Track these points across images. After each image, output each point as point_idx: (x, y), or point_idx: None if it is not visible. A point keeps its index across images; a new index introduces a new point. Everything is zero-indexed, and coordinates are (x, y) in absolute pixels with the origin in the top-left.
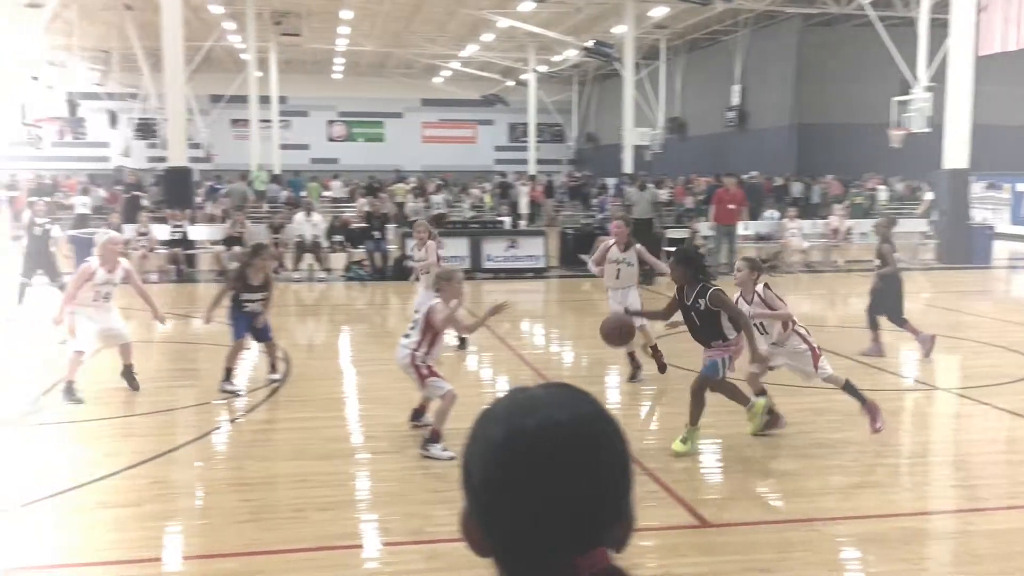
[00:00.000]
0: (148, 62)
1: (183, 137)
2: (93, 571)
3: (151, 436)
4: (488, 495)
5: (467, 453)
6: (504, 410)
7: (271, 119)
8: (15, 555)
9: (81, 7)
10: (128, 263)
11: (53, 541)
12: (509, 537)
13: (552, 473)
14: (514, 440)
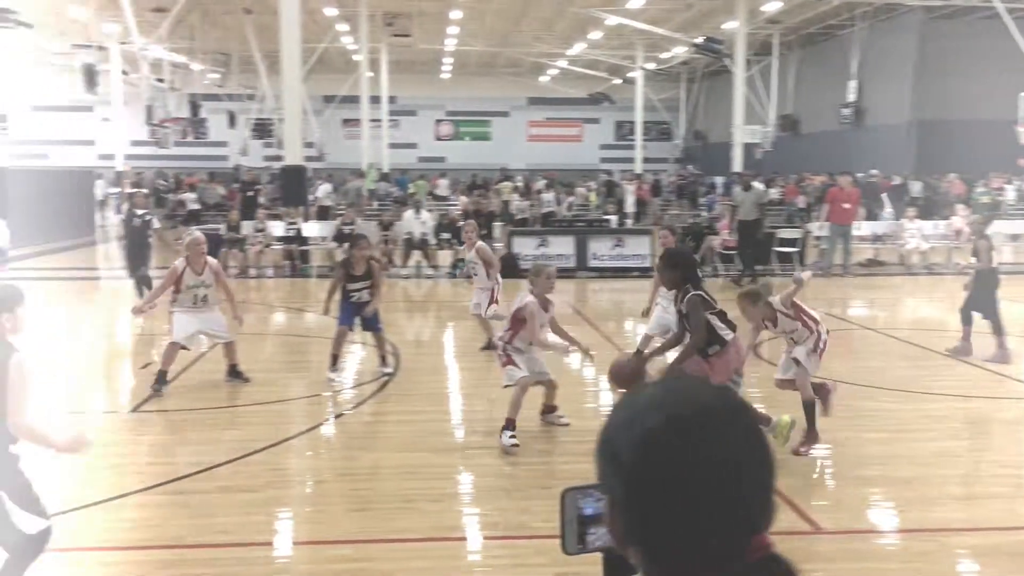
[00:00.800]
0: (265, 64)
1: (299, 136)
2: (214, 552)
3: (266, 425)
4: (646, 482)
5: (614, 442)
6: (656, 398)
7: (381, 118)
8: (138, 536)
9: (203, 11)
10: (215, 263)
11: (176, 523)
12: (671, 526)
13: (717, 457)
14: (675, 425)
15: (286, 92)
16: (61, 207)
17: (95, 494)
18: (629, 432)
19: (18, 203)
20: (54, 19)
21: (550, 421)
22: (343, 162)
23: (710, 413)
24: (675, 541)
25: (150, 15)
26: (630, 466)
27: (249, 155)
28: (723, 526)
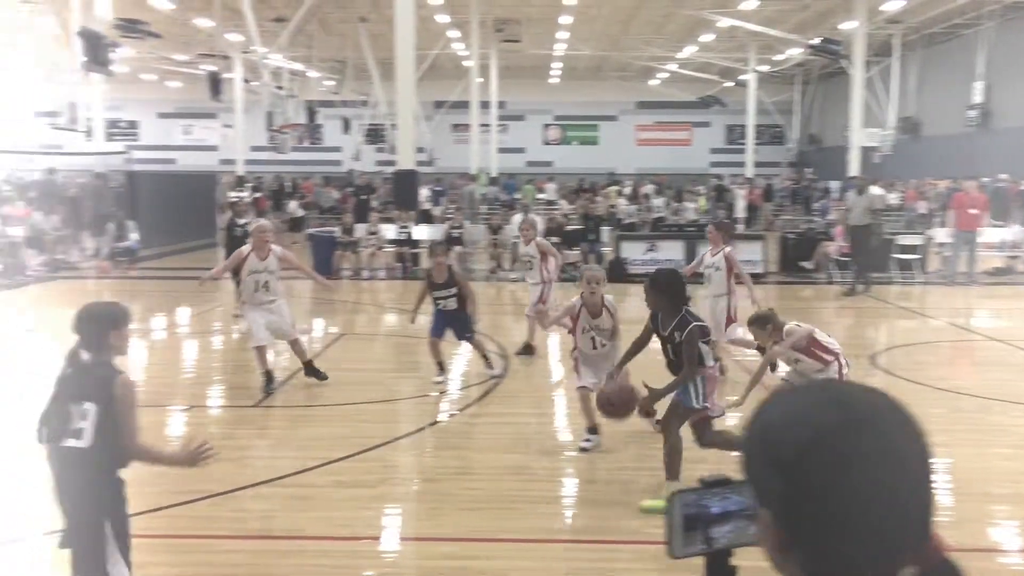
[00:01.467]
0: (378, 71)
1: (411, 142)
2: (329, 545)
3: (379, 423)
4: (816, 482)
5: (774, 443)
6: (821, 397)
7: (490, 123)
8: (259, 526)
9: (321, 21)
10: (280, 249)
11: (294, 515)
12: (841, 527)
13: (888, 455)
14: (847, 423)
15: (399, 98)
16: (186, 210)
17: (218, 486)
18: (794, 432)
19: (147, 206)
20: (180, 30)
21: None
22: (452, 167)
23: (878, 411)
24: (845, 542)
25: (271, 25)
26: (797, 466)
27: (362, 160)
28: (896, 526)
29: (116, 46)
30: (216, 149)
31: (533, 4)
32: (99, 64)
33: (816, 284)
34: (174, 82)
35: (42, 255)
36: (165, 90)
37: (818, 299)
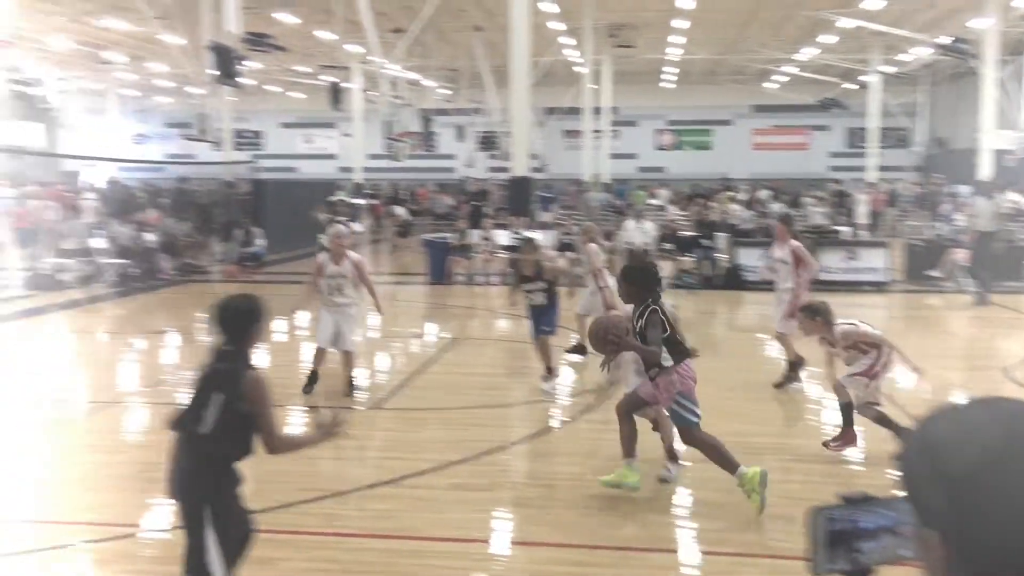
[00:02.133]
0: (492, 79)
1: (526, 149)
2: (446, 546)
3: (494, 427)
4: (987, 500)
5: (941, 458)
6: (987, 414)
7: (602, 129)
8: (380, 525)
9: (437, 31)
10: (357, 256)
11: (414, 515)
12: (1012, 547)
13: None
14: (1019, 443)
15: (513, 105)
16: (308, 216)
17: (340, 485)
18: (961, 450)
19: (271, 213)
20: (303, 43)
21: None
22: (563, 173)
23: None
24: (1013, 564)
25: (389, 36)
26: (965, 485)
27: (475, 167)
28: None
29: (244, 59)
30: (335, 157)
31: (648, 9)
32: (228, 77)
33: (944, 293)
34: (297, 93)
35: (174, 260)
36: (288, 101)
37: (947, 309)
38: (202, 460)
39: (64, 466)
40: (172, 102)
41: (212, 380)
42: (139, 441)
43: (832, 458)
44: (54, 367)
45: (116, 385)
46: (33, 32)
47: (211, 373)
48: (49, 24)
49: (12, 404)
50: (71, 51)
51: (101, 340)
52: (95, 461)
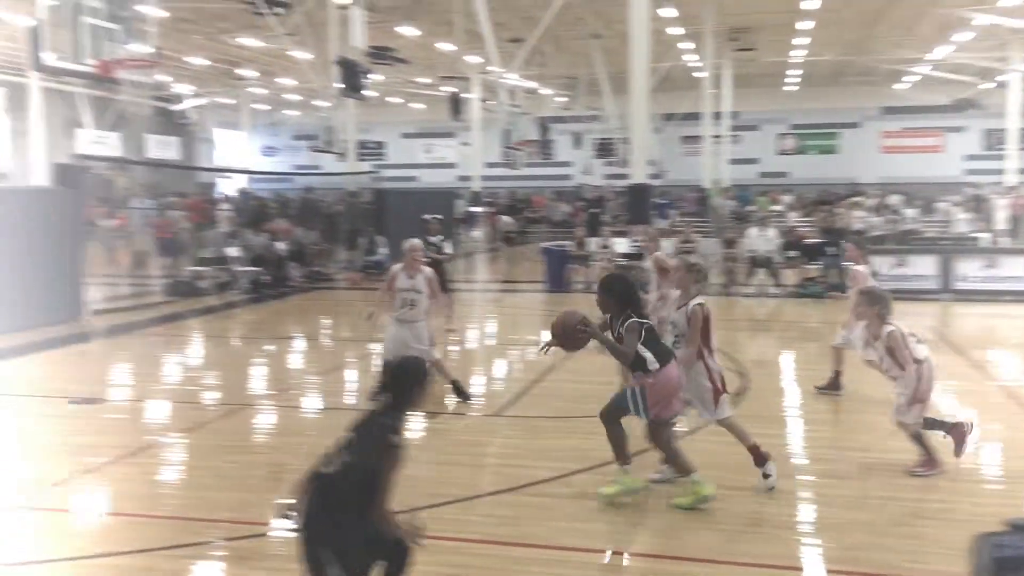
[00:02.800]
0: (610, 85)
1: (645, 156)
2: (563, 555)
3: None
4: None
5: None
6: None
7: (722, 134)
8: (496, 531)
9: (555, 39)
10: (431, 271)
11: (532, 523)
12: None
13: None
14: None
15: (632, 111)
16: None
17: (464, 490)
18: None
19: (393, 221)
20: (424, 55)
21: None
22: (681, 179)
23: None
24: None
25: (507, 45)
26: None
27: (592, 174)
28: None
29: (369, 73)
30: (454, 166)
31: (770, 11)
32: (354, 90)
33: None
34: (417, 104)
35: (303, 268)
36: (409, 111)
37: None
38: (330, 502)
39: (200, 465)
40: (299, 115)
41: (361, 426)
42: (268, 443)
43: (973, 477)
44: (191, 370)
45: (248, 388)
46: (173, 51)
47: (364, 419)
48: (188, 43)
49: (163, 406)
50: (207, 68)
51: (235, 345)
52: (229, 461)
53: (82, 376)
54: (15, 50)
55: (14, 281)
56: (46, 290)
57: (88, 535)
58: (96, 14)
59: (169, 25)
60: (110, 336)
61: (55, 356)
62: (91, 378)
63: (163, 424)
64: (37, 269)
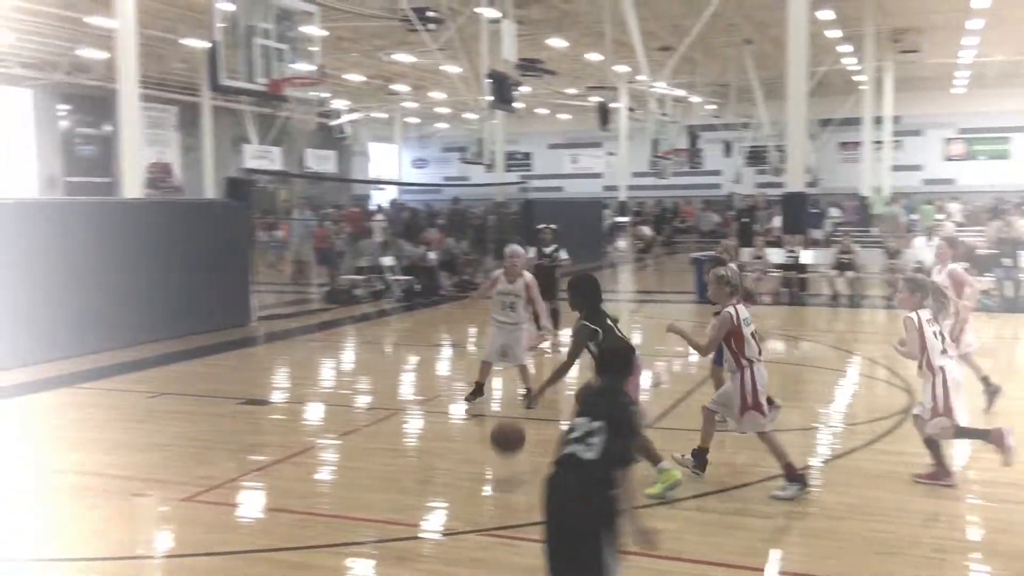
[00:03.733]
0: (762, 92)
1: (801, 163)
2: (726, 571)
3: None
4: None
5: None
6: None
7: (882, 140)
8: (663, 548)
9: (704, 47)
10: (531, 278)
11: (695, 540)
12: None
13: None
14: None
15: (790, 118)
16: (575, 235)
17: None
18: None
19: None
20: (571, 66)
21: None
22: (837, 187)
23: None
24: None
25: (656, 54)
26: None
27: (742, 183)
28: None
29: (520, 85)
30: (600, 176)
31: (936, 10)
32: (504, 102)
33: None
34: (563, 114)
35: (453, 277)
36: (555, 122)
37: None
38: (593, 486)
39: (356, 467)
40: (448, 127)
41: (599, 408)
42: (420, 447)
43: None
44: (347, 375)
45: (400, 394)
46: (332, 68)
47: (597, 403)
48: (346, 61)
49: (321, 409)
50: (362, 84)
51: (388, 351)
52: (383, 464)
53: (249, 378)
54: (187, 72)
55: (190, 288)
56: (218, 297)
57: (251, 530)
58: (267, 35)
59: (329, 44)
60: (274, 341)
61: (225, 359)
62: (257, 381)
63: (322, 426)
64: (210, 277)
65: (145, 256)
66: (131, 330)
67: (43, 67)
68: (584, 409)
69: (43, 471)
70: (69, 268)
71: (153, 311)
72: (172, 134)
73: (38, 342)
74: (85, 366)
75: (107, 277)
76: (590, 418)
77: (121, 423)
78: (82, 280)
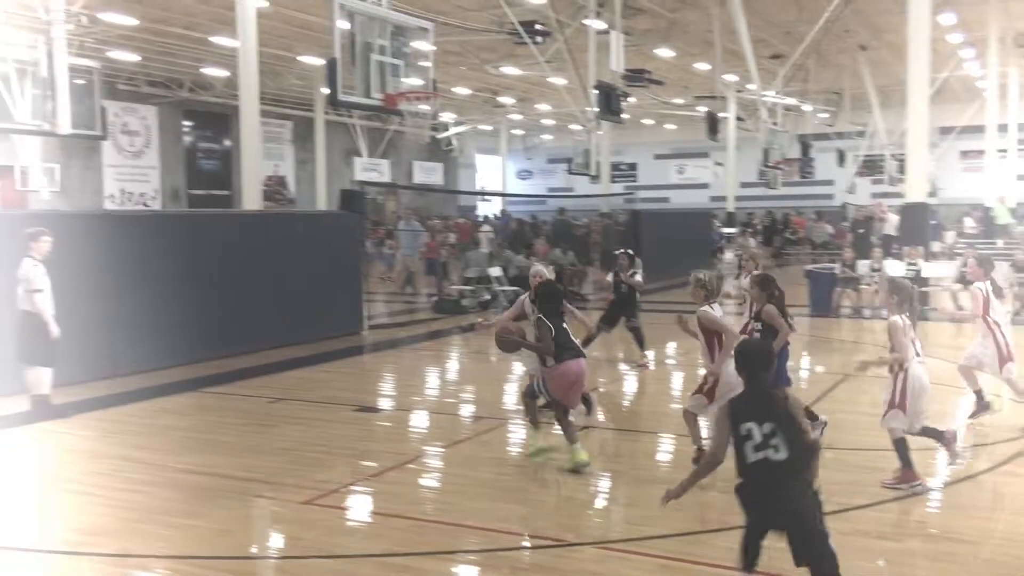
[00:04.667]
0: (878, 99)
1: (923, 173)
2: None
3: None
4: None
5: None
6: None
7: (1007, 148)
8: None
9: (817, 54)
10: None
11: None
12: None
13: None
14: None
15: (910, 126)
16: (681, 246)
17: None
18: None
19: (647, 243)
20: (679, 75)
21: None
22: (957, 198)
23: None
24: None
25: (766, 62)
26: None
27: (856, 193)
28: None
29: (626, 96)
30: (707, 187)
31: None
32: (611, 114)
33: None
34: (670, 124)
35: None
36: (662, 132)
37: None
38: (799, 483)
39: (465, 475)
40: (553, 139)
41: (770, 410)
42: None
43: None
44: (455, 384)
45: (506, 403)
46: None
47: (759, 400)
48: (454, 74)
49: (430, 417)
50: (469, 97)
51: (494, 361)
52: (492, 472)
53: (361, 386)
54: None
55: (306, 297)
56: (332, 305)
57: (364, 534)
58: (383, 52)
59: (437, 57)
60: (384, 349)
61: (339, 366)
62: (369, 388)
63: (431, 434)
64: (325, 286)
65: (264, 266)
66: (251, 337)
67: (168, 85)
68: (746, 415)
69: (171, 471)
70: (192, 277)
71: (271, 319)
72: (287, 148)
73: (164, 348)
74: (209, 371)
75: (228, 286)
76: (757, 422)
77: (244, 427)
78: (204, 289)
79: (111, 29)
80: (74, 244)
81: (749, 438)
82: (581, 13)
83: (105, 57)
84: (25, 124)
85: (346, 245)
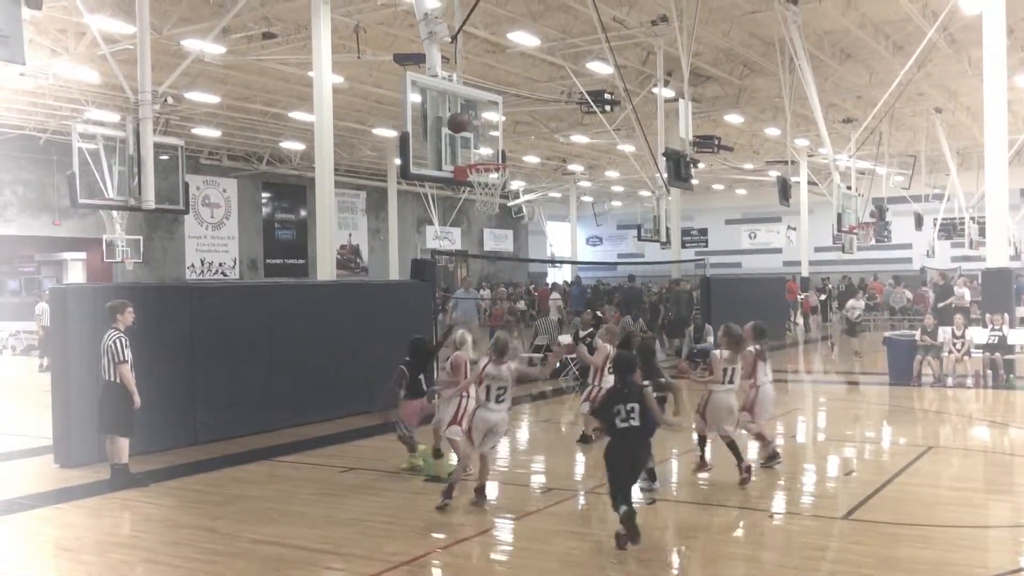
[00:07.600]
0: (955, 162)
1: (1004, 236)
2: None
3: (983, 551)
4: None
5: None
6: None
7: None
8: None
9: (891, 116)
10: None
11: None
12: None
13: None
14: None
15: (989, 189)
16: (755, 312)
17: None
18: None
19: (719, 309)
20: (748, 140)
21: None
22: None
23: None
24: None
25: (839, 126)
26: None
27: (935, 256)
28: None
29: (696, 163)
30: (780, 252)
31: None
32: (681, 180)
33: None
34: (740, 189)
35: None
36: (732, 197)
37: None
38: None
39: (539, 549)
40: (622, 205)
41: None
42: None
43: None
44: (525, 454)
45: (576, 474)
46: (511, 151)
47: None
48: (523, 143)
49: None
50: (538, 165)
51: (564, 431)
52: (565, 546)
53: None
54: (376, 158)
55: (379, 364)
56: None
57: None
58: None
59: (507, 127)
60: None
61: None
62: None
63: (501, 505)
64: (396, 353)
65: (337, 335)
66: (324, 406)
67: (248, 158)
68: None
69: (245, 541)
70: (268, 346)
71: (344, 387)
72: (361, 217)
73: (240, 416)
74: (283, 439)
75: (302, 354)
76: (624, 403)
77: (315, 496)
78: (279, 357)
79: (195, 107)
80: (156, 314)
81: (619, 414)
82: (649, 82)
83: (189, 133)
84: (113, 200)
85: (418, 312)
